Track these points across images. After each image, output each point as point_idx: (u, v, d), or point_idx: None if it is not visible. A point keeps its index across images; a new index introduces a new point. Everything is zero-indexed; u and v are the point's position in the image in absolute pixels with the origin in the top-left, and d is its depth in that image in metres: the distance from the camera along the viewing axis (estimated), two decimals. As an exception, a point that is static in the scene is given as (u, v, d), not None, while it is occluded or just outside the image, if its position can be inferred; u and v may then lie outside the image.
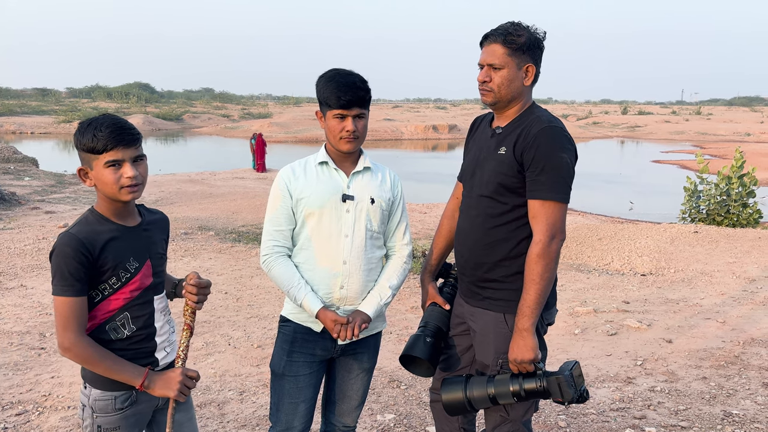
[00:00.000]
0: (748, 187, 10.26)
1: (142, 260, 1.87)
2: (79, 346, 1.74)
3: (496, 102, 2.20)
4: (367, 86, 2.19)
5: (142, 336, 1.89)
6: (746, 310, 5.50)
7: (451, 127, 44.52)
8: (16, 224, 9.19)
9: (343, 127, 2.16)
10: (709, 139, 42.48)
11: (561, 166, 2.09)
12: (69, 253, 1.71)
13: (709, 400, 3.74)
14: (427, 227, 10.67)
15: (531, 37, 2.15)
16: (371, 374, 2.43)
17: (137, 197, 1.82)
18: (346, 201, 2.22)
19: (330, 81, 2.17)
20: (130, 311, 1.85)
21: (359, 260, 2.23)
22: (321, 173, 2.25)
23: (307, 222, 2.22)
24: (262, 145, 19.99)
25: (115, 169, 1.75)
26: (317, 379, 2.32)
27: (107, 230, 1.80)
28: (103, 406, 1.84)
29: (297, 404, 2.27)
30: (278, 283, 2.23)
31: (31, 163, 17.94)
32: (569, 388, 2.07)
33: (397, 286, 2.33)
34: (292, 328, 2.28)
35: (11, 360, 4.22)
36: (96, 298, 1.80)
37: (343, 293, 2.23)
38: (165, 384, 1.83)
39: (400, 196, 2.38)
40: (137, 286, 1.85)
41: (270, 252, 2.23)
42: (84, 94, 75.24)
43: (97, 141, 1.73)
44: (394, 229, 2.37)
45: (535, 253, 2.08)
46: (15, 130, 38.22)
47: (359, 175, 2.28)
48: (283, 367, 2.26)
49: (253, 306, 5.56)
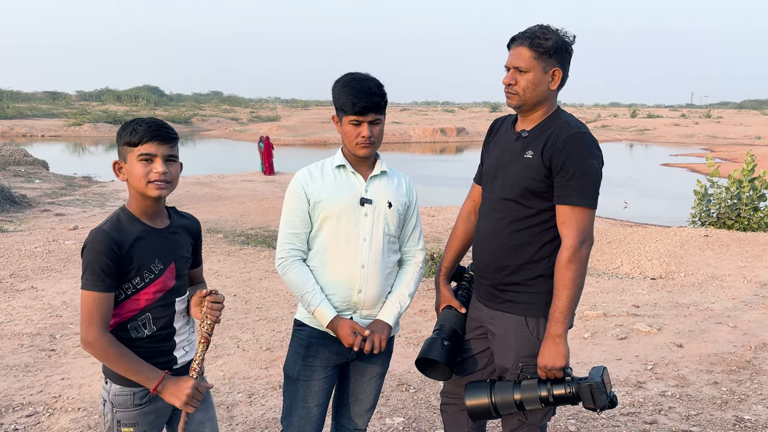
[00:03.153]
0: (759, 191, 10.18)
1: (167, 262, 1.91)
2: (101, 342, 1.77)
3: (521, 105, 2.19)
4: (383, 91, 2.19)
5: (162, 336, 1.92)
6: (758, 315, 5.46)
7: (459, 130, 44.39)
8: (27, 226, 9.25)
9: (359, 132, 2.16)
10: (719, 142, 42.21)
11: (590, 172, 2.09)
12: (101, 249, 1.77)
13: (720, 405, 3.70)
14: (435, 230, 10.65)
15: (559, 40, 2.13)
16: (383, 378, 2.42)
17: (164, 195, 1.86)
18: (365, 205, 2.22)
19: (345, 86, 2.16)
20: (152, 312, 1.89)
21: (377, 264, 2.23)
22: (339, 176, 2.25)
23: (324, 225, 2.21)
24: (270, 147, 20.04)
25: (146, 163, 1.82)
26: (331, 384, 2.31)
27: (136, 230, 1.85)
28: (122, 401, 1.87)
29: (310, 408, 2.26)
30: (292, 287, 2.21)
31: (42, 165, 18.06)
32: (602, 395, 2.06)
33: (414, 293, 2.34)
34: (308, 333, 2.27)
35: (22, 361, 4.24)
36: (120, 296, 1.84)
37: (361, 297, 2.22)
38: (175, 392, 1.85)
39: (415, 201, 2.39)
40: (160, 287, 1.89)
41: (286, 256, 2.22)
42: (94, 97, 75.66)
43: (135, 134, 1.81)
44: (410, 234, 2.37)
45: (566, 258, 2.08)
46: (26, 133, 38.48)
47: (377, 179, 2.28)
48: (298, 371, 2.25)
49: (261, 308, 5.57)
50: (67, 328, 4.91)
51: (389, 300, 2.28)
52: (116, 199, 13.16)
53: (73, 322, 5.00)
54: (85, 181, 16.30)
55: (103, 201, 12.82)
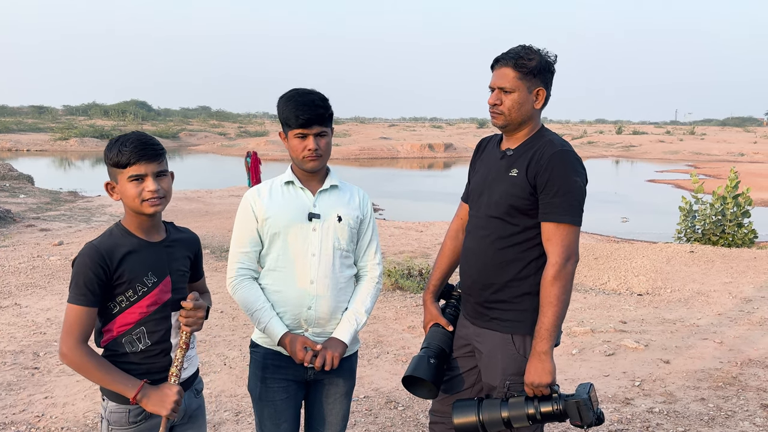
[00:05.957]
0: (742, 207, 10.30)
1: (161, 276, 1.90)
2: (76, 353, 1.78)
3: (507, 125, 2.22)
4: (327, 104, 2.18)
5: (157, 351, 1.91)
6: (743, 331, 5.50)
7: (447, 146, 44.62)
8: (11, 242, 9.15)
9: (305, 146, 2.15)
10: (703, 158, 42.71)
11: (574, 189, 2.11)
12: (87, 263, 1.78)
13: (707, 421, 3.72)
14: (423, 246, 10.66)
15: (542, 60, 2.17)
16: (350, 397, 2.37)
17: (160, 210, 1.87)
18: (312, 219, 2.20)
19: (289, 101, 2.17)
20: (146, 326, 1.88)
21: (327, 279, 2.20)
22: (286, 192, 2.24)
23: (274, 243, 2.20)
24: (257, 162, 20.03)
25: (137, 183, 1.83)
26: (296, 401, 2.28)
27: (128, 243, 1.86)
28: (118, 419, 1.87)
29: (279, 424, 2.24)
30: (243, 306, 2.20)
31: (27, 180, 17.91)
32: (588, 412, 2.07)
33: (371, 309, 2.30)
34: (262, 354, 2.25)
35: (4, 380, 4.17)
36: (113, 310, 1.85)
37: (311, 314, 2.20)
38: (159, 401, 1.82)
39: (369, 215, 2.36)
40: (154, 301, 1.88)
41: (235, 275, 2.21)
42: (81, 111, 75.21)
43: (121, 155, 1.81)
44: (365, 249, 2.34)
45: (551, 275, 2.09)
46: (11, 147, 38.18)
47: (326, 193, 2.26)
48: (259, 392, 2.24)
49: (248, 325, 5.53)
50: (51, 346, 4.84)
51: (345, 317, 2.25)
52: (102, 214, 13.04)
53: (57, 340, 4.93)
54: (71, 196, 16.17)
55: (89, 216, 12.70)
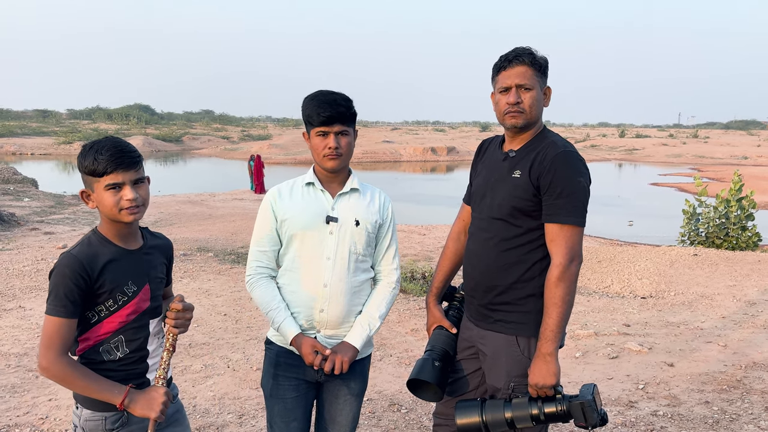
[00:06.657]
0: (746, 210, 10.29)
1: (141, 284, 1.87)
2: (57, 366, 1.72)
3: (527, 123, 2.20)
4: (350, 104, 2.18)
5: (135, 358, 1.88)
6: (747, 334, 5.48)
7: (450, 150, 44.67)
8: (15, 245, 9.17)
9: (326, 144, 2.16)
10: (707, 162, 42.68)
11: (578, 190, 2.11)
12: (67, 273, 1.72)
13: (712, 425, 3.70)
14: (426, 249, 10.66)
15: (545, 60, 2.20)
16: (361, 399, 2.37)
17: (138, 218, 1.83)
18: (330, 223, 2.20)
19: (312, 99, 2.18)
20: (124, 334, 1.84)
21: (341, 283, 2.20)
22: (307, 194, 2.24)
23: (292, 243, 2.21)
24: (261, 166, 20.10)
25: (115, 192, 1.76)
26: (307, 400, 2.28)
27: (107, 252, 1.81)
28: (93, 427, 1.82)
29: (288, 423, 2.24)
30: (259, 305, 2.22)
31: (31, 184, 17.98)
32: (593, 413, 2.06)
33: (385, 314, 2.30)
34: (276, 351, 2.26)
35: (9, 382, 4.18)
36: (92, 319, 1.80)
37: (323, 317, 2.19)
38: (147, 404, 1.79)
39: (389, 220, 2.34)
40: (134, 309, 1.85)
41: (253, 273, 2.22)
42: (84, 115, 75.52)
43: (97, 164, 1.75)
44: (383, 253, 2.33)
45: (556, 276, 2.08)
46: (15, 151, 38.34)
47: (345, 197, 2.25)
48: (270, 389, 2.25)
49: (252, 328, 5.53)
50: (55, 348, 4.84)
51: (358, 321, 2.24)
52: (106, 217, 13.07)
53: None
54: (75, 200, 16.21)
55: (92, 219, 12.74)
